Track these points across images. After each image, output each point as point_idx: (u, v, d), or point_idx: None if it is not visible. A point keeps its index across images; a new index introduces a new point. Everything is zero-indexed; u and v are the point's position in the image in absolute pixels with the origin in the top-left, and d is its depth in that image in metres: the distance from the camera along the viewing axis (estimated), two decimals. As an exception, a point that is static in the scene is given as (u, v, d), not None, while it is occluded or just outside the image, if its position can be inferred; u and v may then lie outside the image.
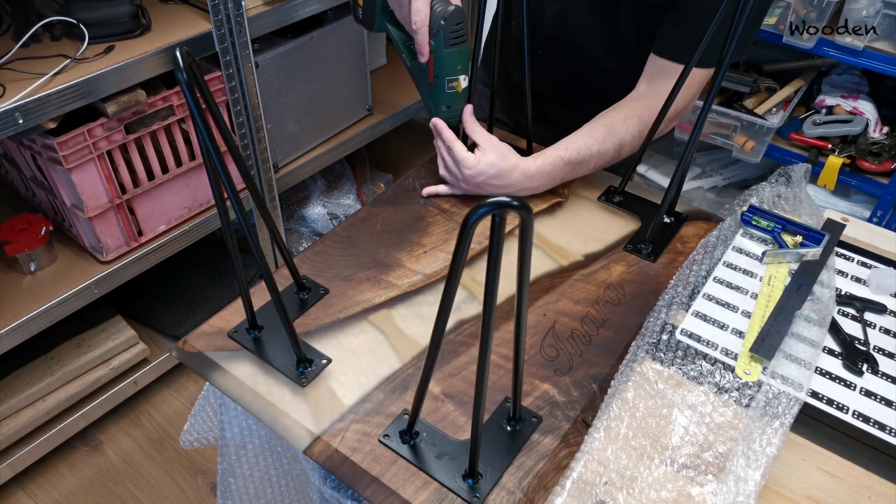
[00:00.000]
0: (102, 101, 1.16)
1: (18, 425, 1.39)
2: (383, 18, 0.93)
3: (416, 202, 0.96)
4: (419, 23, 0.84)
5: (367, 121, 1.75)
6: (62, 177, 1.22)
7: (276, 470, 0.82)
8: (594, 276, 0.84)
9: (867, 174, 1.71)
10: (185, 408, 1.66)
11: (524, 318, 0.55)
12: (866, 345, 0.72)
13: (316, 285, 0.82)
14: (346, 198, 1.94)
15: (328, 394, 0.70)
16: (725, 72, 0.75)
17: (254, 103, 1.39)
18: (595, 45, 1.02)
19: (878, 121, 1.70)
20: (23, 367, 1.44)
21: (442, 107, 0.92)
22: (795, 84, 1.81)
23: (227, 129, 0.64)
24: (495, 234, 0.46)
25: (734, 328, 0.74)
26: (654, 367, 0.70)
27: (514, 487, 0.63)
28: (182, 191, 1.40)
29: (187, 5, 1.32)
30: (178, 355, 0.76)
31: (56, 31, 1.18)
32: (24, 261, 1.30)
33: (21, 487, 1.49)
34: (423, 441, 0.66)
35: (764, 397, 0.66)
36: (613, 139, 0.92)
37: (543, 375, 0.72)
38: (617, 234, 0.91)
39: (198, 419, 0.86)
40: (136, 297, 1.69)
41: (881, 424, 0.65)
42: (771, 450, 0.62)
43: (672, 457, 0.62)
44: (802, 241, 0.82)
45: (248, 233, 0.65)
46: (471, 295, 0.82)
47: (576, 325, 0.78)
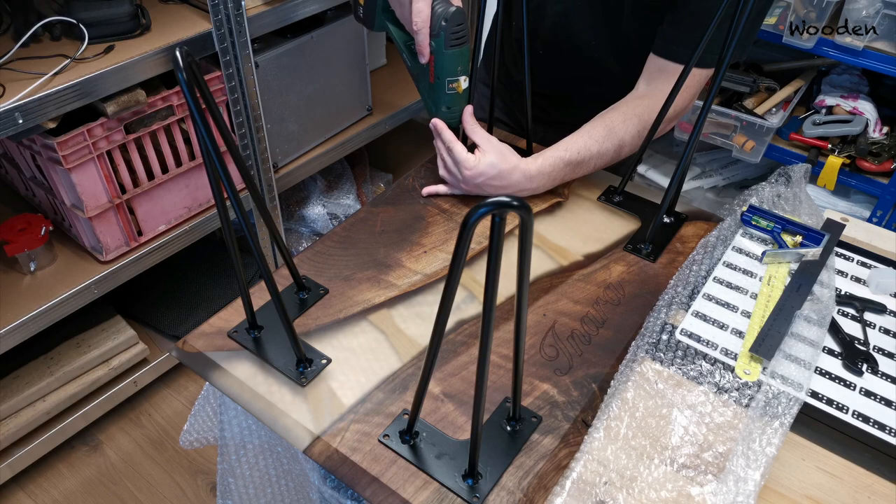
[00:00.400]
0: (102, 101, 1.16)
1: (18, 425, 1.39)
2: (384, 18, 0.93)
3: (416, 202, 0.96)
4: (420, 24, 0.84)
5: (367, 121, 1.75)
6: (62, 177, 1.22)
7: (276, 470, 0.82)
8: (594, 276, 0.84)
9: (867, 174, 1.71)
10: (184, 408, 1.66)
11: (524, 318, 0.55)
12: (866, 345, 0.72)
13: (316, 285, 0.82)
14: (346, 198, 1.93)
15: (328, 394, 0.70)
16: (725, 72, 0.75)
17: (254, 103, 1.39)
18: (597, 46, 1.02)
19: (877, 121, 1.69)
20: (23, 367, 1.44)
21: (442, 107, 0.92)
22: (795, 84, 1.81)
23: (227, 129, 0.63)
24: (495, 234, 0.46)
25: (734, 328, 0.74)
26: (653, 367, 0.70)
27: (513, 487, 0.63)
28: (182, 191, 1.40)
29: (187, 5, 1.32)
30: (177, 355, 0.76)
31: (56, 31, 1.18)
32: (24, 261, 1.30)
33: (21, 487, 1.49)
34: (422, 441, 0.66)
35: (764, 397, 0.66)
36: (613, 139, 0.92)
37: (543, 375, 0.72)
38: (617, 234, 0.91)
39: (198, 419, 0.86)
40: (135, 297, 1.69)
41: (881, 424, 0.65)
42: (771, 450, 0.62)
43: (672, 457, 0.62)
44: (802, 241, 0.82)
45: (248, 233, 0.65)
46: (471, 295, 0.82)
47: (576, 325, 0.78)
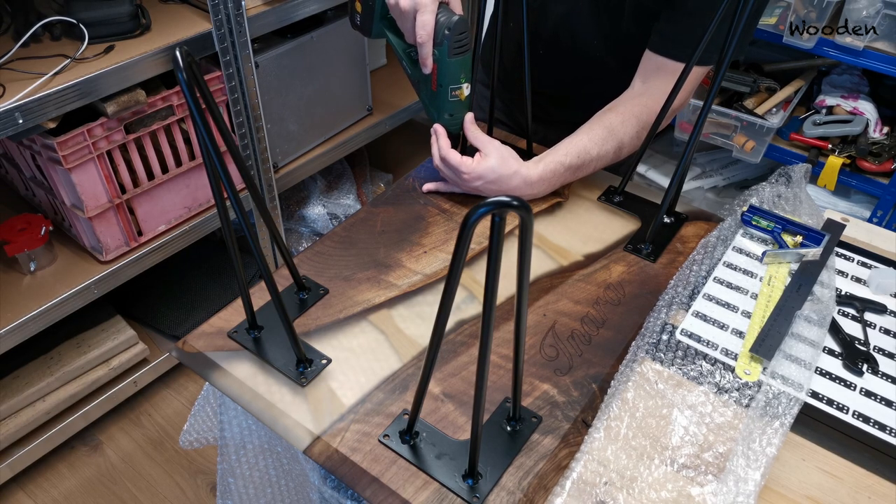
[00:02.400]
0: (102, 100, 1.16)
1: (18, 425, 1.39)
2: (382, 25, 0.91)
3: (416, 202, 0.96)
4: (425, 36, 0.83)
5: (367, 121, 1.75)
6: (62, 177, 1.22)
7: (276, 470, 0.82)
8: (594, 277, 0.84)
9: (867, 174, 1.71)
10: (184, 408, 1.66)
11: (524, 318, 0.55)
12: (866, 345, 0.72)
13: (316, 285, 0.82)
14: (346, 198, 1.93)
15: (328, 394, 0.70)
16: (725, 71, 0.75)
17: (254, 103, 1.39)
18: (598, 46, 1.02)
19: (878, 121, 1.69)
20: (23, 367, 1.45)
21: (445, 115, 0.91)
22: (795, 84, 1.81)
23: (227, 129, 0.63)
24: (495, 234, 0.46)
25: (734, 328, 0.74)
26: (654, 367, 0.70)
27: (514, 487, 0.63)
28: (182, 191, 1.40)
29: (187, 5, 1.32)
30: (177, 355, 0.76)
31: (56, 31, 1.18)
32: (24, 261, 1.30)
33: (21, 487, 1.49)
34: (422, 441, 0.66)
35: (764, 397, 0.66)
36: (613, 141, 0.92)
37: (543, 375, 0.72)
38: (617, 234, 0.91)
39: (197, 419, 0.86)
40: (136, 297, 1.69)
41: (881, 425, 0.65)
42: (771, 450, 0.62)
43: (672, 457, 0.62)
44: (802, 241, 0.82)
45: (248, 233, 0.65)
46: (471, 295, 0.82)
47: (576, 325, 0.78)
